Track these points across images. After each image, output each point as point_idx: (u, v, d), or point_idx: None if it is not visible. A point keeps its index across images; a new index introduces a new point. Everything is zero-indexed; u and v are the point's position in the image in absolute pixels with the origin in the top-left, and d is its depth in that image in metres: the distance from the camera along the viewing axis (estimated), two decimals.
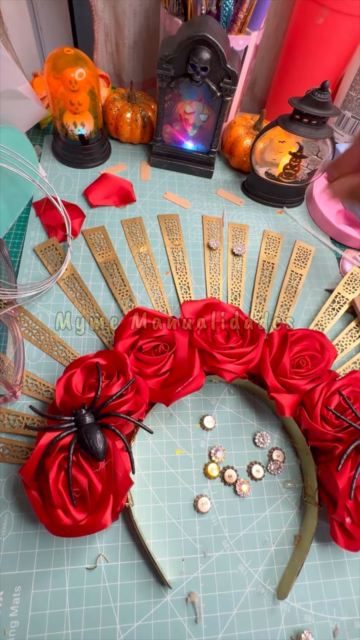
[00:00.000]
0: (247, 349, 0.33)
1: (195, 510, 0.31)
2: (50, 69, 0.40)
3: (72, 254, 0.42)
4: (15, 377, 0.33)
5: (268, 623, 0.29)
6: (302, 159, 0.45)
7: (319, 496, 0.31)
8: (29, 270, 0.40)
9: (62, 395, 0.28)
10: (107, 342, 0.37)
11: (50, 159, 0.49)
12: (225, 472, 0.33)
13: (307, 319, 0.42)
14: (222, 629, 0.28)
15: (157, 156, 0.51)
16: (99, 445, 0.26)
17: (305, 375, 0.33)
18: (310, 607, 0.30)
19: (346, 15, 0.45)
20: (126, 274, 0.42)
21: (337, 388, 0.32)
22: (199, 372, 0.31)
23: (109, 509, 0.26)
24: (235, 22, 0.43)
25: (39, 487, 0.26)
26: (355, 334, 0.42)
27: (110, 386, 0.28)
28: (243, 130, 0.51)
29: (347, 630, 0.29)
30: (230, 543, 0.31)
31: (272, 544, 0.31)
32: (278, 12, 0.53)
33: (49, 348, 0.36)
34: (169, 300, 0.41)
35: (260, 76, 0.62)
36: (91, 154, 0.49)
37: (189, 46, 0.39)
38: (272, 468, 0.34)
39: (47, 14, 0.57)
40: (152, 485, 0.32)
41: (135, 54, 0.57)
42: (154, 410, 0.35)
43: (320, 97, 0.37)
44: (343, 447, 0.30)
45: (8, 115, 0.44)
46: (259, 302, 0.42)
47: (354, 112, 0.54)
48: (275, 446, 0.35)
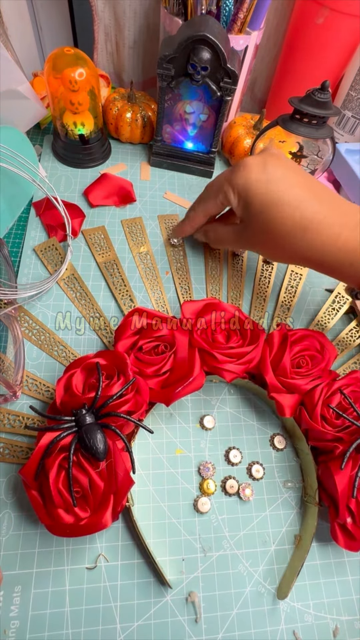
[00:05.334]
0: (247, 349, 0.33)
1: (195, 510, 0.31)
2: (50, 69, 0.40)
3: (72, 253, 0.42)
4: (16, 377, 0.33)
5: (268, 623, 0.29)
6: (302, 158, 0.45)
7: (319, 496, 0.31)
8: (29, 270, 0.40)
9: (62, 395, 0.28)
10: (107, 342, 0.37)
11: (50, 158, 0.49)
12: (227, 483, 0.32)
13: (307, 319, 0.42)
14: (222, 628, 0.28)
15: (157, 156, 0.51)
16: (100, 445, 0.26)
17: (305, 375, 0.33)
18: (310, 607, 0.30)
19: (346, 15, 0.45)
20: (126, 274, 0.42)
21: (337, 388, 0.32)
22: (199, 372, 0.31)
23: (110, 509, 0.26)
24: (235, 22, 0.43)
25: (40, 487, 0.26)
26: (355, 334, 0.42)
27: (110, 386, 0.28)
28: (243, 130, 0.51)
29: (347, 630, 0.29)
30: (230, 543, 0.31)
31: (272, 544, 0.31)
32: (278, 12, 0.53)
33: (49, 348, 0.36)
34: (169, 300, 0.41)
35: (261, 76, 0.61)
36: (91, 154, 0.49)
37: (189, 46, 0.39)
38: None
39: (47, 14, 0.57)
40: (152, 485, 0.32)
41: (135, 54, 0.57)
42: (154, 410, 0.35)
43: (321, 97, 0.37)
44: (344, 447, 0.30)
45: (8, 115, 0.44)
46: (259, 302, 0.42)
47: (354, 112, 0.54)
48: (276, 447, 0.35)
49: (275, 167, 0.31)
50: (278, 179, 0.31)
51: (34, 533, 0.29)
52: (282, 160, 0.32)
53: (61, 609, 0.27)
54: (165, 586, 0.28)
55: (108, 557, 0.29)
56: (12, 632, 0.26)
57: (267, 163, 0.31)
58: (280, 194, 0.30)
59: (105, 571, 0.29)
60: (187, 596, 0.29)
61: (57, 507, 0.25)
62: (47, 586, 0.28)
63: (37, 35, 0.59)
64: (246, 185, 0.31)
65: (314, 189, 0.32)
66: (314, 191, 0.31)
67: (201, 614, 0.28)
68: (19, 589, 0.27)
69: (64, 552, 0.29)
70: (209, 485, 0.32)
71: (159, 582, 0.29)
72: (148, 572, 0.29)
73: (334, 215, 0.30)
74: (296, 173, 0.32)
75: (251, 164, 0.31)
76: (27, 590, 0.27)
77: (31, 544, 0.28)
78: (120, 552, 0.29)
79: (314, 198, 0.31)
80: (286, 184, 0.31)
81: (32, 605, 0.27)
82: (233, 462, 0.34)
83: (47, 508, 0.25)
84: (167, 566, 0.29)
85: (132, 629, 0.27)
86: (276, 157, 0.32)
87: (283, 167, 0.31)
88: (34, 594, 0.27)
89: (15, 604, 0.27)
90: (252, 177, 0.31)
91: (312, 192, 0.31)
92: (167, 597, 0.28)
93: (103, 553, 0.29)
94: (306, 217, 0.30)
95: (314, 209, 0.30)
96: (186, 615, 0.28)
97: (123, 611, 0.27)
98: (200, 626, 0.28)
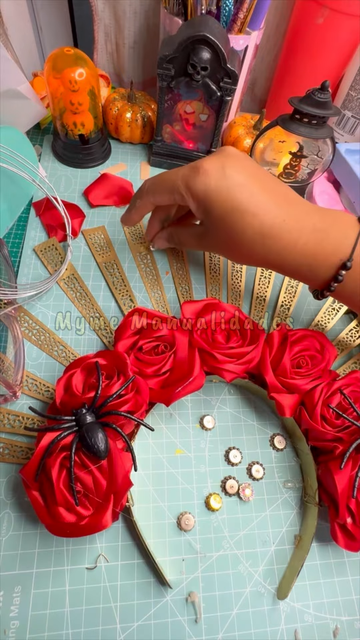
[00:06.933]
0: (247, 349, 0.33)
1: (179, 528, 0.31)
2: (50, 69, 0.40)
3: (72, 253, 0.42)
4: (16, 377, 0.33)
5: (268, 623, 0.29)
6: (302, 158, 0.45)
7: (319, 496, 0.31)
8: (29, 270, 0.40)
9: (62, 395, 0.28)
10: (107, 342, 0.37)
11: (50, 158, 0.49)
12: (227, 483, 0.32)
13: (307, 319, 0.42)
14: (222, 629, 0.28)
15: (157, 156, 0.51)
16: (101, 445, 0.26)
17: (305, 375, 0.33)
18: (310, 607, 0.30)
19: (346, 15, 0.45)
20: (126, 274, 0.42)
21: (337, 388, 0.32)
22: (199, 372, 0.31)
23: (110, 509, 0.26)
24: (235, 22, 0.43)
25: (40, 487, 0.26)
26: (355, 334, 0.42)
27: (110, 386, 0.28)
28: (243, 130, 0.51)
29: (347, 630, 0.29)
30: (230, 543, 0.31)
31: (272, 544, 0.31)
32: (278, 12, 0.53)
33: (49, 348, 0.36)
34: (169, 300, 0.41)
35: (261, 76, 0.61)
36: (91, 154, 0.49)
37: (189, 46, 0.39)
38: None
39: (47, 14, 0.57)
40: (152, 485, 0.32)
41: (135, 54, 0.57)
42: (154, 410, 0.35)
43: (321, 97, 0.37)
44: (343, 447, 0.30)
45: (8, 115, 0.44)
46: (258, 302, 0.42)
47: (354, 112, 0.54)
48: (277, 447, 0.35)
49: (235, 172, 0.30)
50: (239, 185, 0.29)
51: (34, 533, 0.29)
52: (242, 162, 0.30)
53: (61, 609, 0.27)
54: (165, 586, 0.28)
55: (108, 557, 0.29)
56: (12, 632, 0.26)
57: (226, 167, 0.30)
58: (241, 201, 0.29)
59: (105, 571, 0.29)
60: (187, 596, 0.29)
61: (59, 506, 0.25)
62: (47, 586, 0.27)
63: (37, 35, 0.59)
64: (206, 193, 0.30)
65: (275, 193, 0.31)
66: (275, 195, 0.30)
67: (201, 614, 0.28)
68: (19, 589, 0.27)
69: (64, 552, 0.29)
70: (214, 502, 0.31)
71: (159, 582, 0.29)
72: (148, 572, 0.29)
73: (293, 220, 0.30)
74: (257, 176, 0.30)
75: (209, 169, 0.30)
76: (27, 591, 0.27)
77: (31, 544, 0.28)
78: (120, 552, 0.29)
79: (274, 203, 0.30)
80: (247, 191, 0.29)
81: (32, 606, 0.27)
82: (233, 462, 0.33)
83: (48, 507, 0.25)
84: (167, 566, 0.29)
85: (132, 629, 0.27)
86: (234, 158, 0.30)
87: (244, 172, 0.30)
88: (34, 594, 0.27)
89: (15, 604, 0.27)
90: (212, 183, 0.29)
91: (273, 197, 0.30)
92: (167, 597, 0.28)
93: (103, 553, 0.29)
94: (265, 225, 0.30)
95: (274, 215, 0.30)
96: (186, 615, 0.28)
97: (123, 611, 0.27)
98: (200, 626, 0.28)
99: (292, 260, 0.31)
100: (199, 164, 0.30)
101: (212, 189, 0.30)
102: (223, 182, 0.29)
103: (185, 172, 0.31)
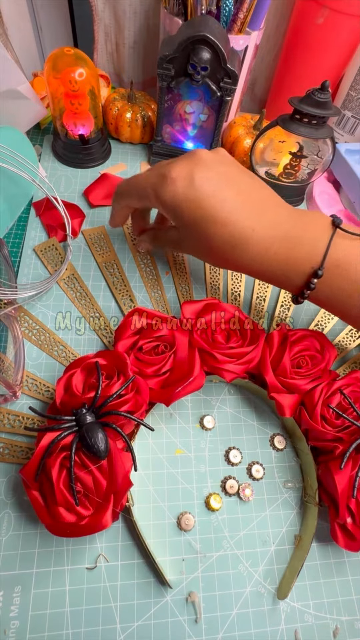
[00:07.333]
0: (247, 349, 0.33)
1: (179, 528, 0.31)
2: (50, 69, 0.40)
3: (72, 253, 0.42)
4: (16, 377, 0.33)
5: (268, 623, 0.29)
6: (302, 158, 0.45)
7: (319, 496, 0.31)
8: (29, 270, 0.40)
9: (62, 395, 0.28)
10: (107, 342, 0.37)
11: (50, 159, 0.49)
12: (227, 483, 0.32)
13: (307, 319, 0.42)
14: (222, 629, 0.28)
15: (157, 156, 0.51)
16: (101, 444, 0.26)
17: (305, 375, 0.33)
18: (310, 607, 0.30)
19: (346, 15, 0.45)
20: (126, 274, 0.42)
21: (337, 388, 0.32)
22: (199, 372, 0.31)
23: (110, 509, 0.26)
24: (235, 22, 0.43)
25: (40, 487, 0.26)
26: (355, 334, 0.42)
27: (110, 386, 0.28)
28: (243, 130, 0.51)
29: (347, 630, 0.29)
30: (230, 543, 0.31)
31: (272, 544, 0.31)
32: (278, 12, 0.53)
33: (49, 348, 0.36)
34: (169, 300, 0.41)
35: (261, 76, 0.61)
36: (91, 154, 0.49)
37: (189, 46, 0.39)
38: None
39: (47, 14, 0.57)
40: (152, 485, 0.32)
41: (135, 54, 0.57)
42: (154, 410, 0.35)
43: (320, 97, 0.37)
44: (343, 447, 0.30)
45: (8, 115, 0.44)
46: (259, 302, 0.42)
47: (354, 112, 0.54)
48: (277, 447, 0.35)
49: (204, 181, 0.28)
50: (208, 195, 0.28)
51: (34, 533, 0.29)
52: (213, 169, 0.29)
53: (61, 609, 0.27)
54: (165, 586, 0.28)
55: (108, 557, 0.29)
56: (12, 632, 0.26)
57: (194, 175, 0.28)
58: (209, 211, 0.28)
59: (105, 571, 0.29)
60: (187, 596, 0.29)
61: (59, 506, 0.25)
62: (47, 586, 0.27)
63: (37, 35, 0.59)
64: (174, 202, 0.29)
65: (249, 200, 0.29)
66: (249, 202, 0.29)
67: (201, 614, 0.28)
68: (19, 589, 0.27)
69: (64, 552, 0.29)
70: (214, 502, 0.31)
71: (159, 582, 0.29)
72: (148, 572, 0.29)
73: (264, 228, 0.29)
74: (231, 182, 0.29)
75: (177, 178, 0.28)
76: (27, 591, 0.27)
77: (31, 544, 0.28)
78: (120, 552, 0.29)
79: (245, 212, 0.29)
80: (216, 200, 0.28)
81: (32, 606, 0.27)
82: (233, 462, 0.34)
83: (48, 507, 0.25)
84: (167, 566, 0.29)
85: (132, 629, 0.27)
86: (204, 165, 0.29)
87: (214, 179, 0.29)
88: (34, 594, 0.27)
89: (15, 604, 0.27)
90: (180, 192, 0.28)
91: (246, 205, 0.29)
92: (167, 597, 0.28)
93: (103, 553, 0.29)
94: (234, 235, 0.29)
95: (244, 225, 0.29)
96: (186, 615, 0.28)
97: (123, 611, 0.27)
98: (200, 626, 0.28)
99: (267, 267, 0.30)
100: (166, 172, 0.29)
101: (180, 198, 0.29)
102: (191, 191, 0.28)
103: (153, 180, 0.30)
